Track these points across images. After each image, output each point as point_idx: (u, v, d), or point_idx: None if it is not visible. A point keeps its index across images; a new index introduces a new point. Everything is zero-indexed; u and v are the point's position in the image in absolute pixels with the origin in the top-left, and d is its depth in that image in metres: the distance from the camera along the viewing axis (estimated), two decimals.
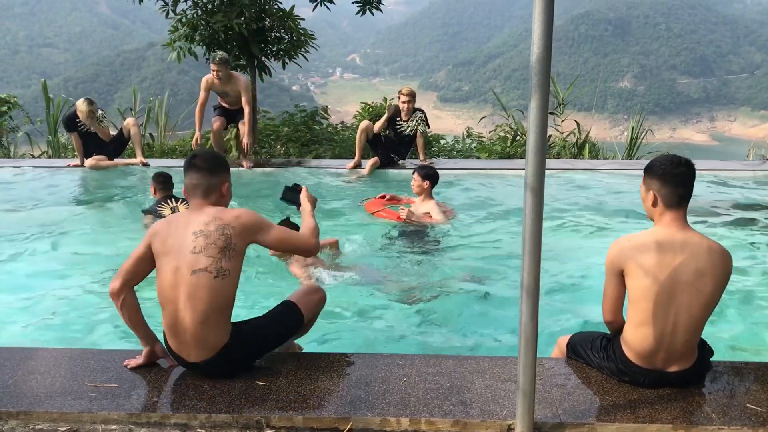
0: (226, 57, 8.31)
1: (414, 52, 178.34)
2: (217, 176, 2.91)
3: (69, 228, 6.23)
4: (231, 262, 2.78)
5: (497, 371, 2.95)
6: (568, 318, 4.01)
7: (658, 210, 2.74)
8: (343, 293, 4.54)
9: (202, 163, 2.90)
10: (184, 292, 2.76)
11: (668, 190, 2.69)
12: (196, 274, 2.74)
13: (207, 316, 2.77)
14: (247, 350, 2.93)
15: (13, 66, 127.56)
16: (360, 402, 2.70)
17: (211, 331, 2.80)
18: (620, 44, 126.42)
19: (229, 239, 2.77)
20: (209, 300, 2.76)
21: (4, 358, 3.11)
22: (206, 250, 2.75)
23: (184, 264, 2.76)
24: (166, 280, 2.80)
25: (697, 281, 2.64)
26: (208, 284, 2.75)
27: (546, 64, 2.18)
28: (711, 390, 2.82)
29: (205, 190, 2.89)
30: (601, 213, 6.65)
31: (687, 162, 2.71)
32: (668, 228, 2.70)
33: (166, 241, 2.82)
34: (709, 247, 2.67)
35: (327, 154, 10.50)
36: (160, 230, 2.87)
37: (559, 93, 11.35)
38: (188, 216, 2.88)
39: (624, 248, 2.71)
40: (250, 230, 2.84)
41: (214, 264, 2.75)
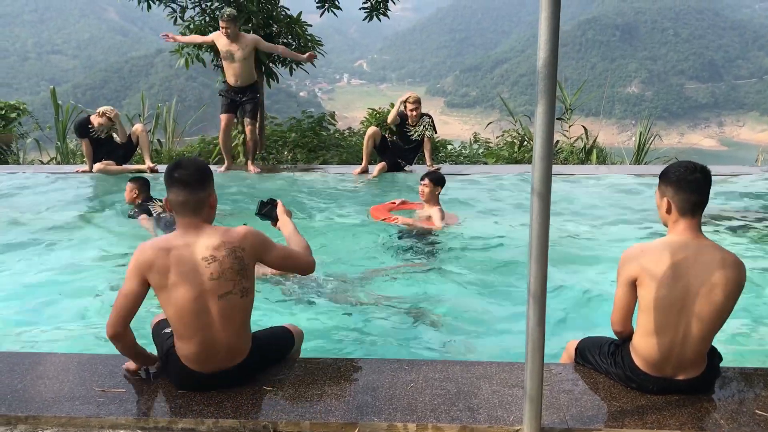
0: (234, 14, 8.21)
1: (421, 57, 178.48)
2: (204, 189, 2.76)
3: (77, 234, 6.26)
4: (248, 280, 2.80)
5: (504, 377, 2.94)
6: (575, 323, 3.99)
7: (672, 217, 2.71)
8: (349, 299, 4.55)
9: (187, 177, 2.71)
10: (217, 316, 2.73)
11: (682, 197, 2.66)
12: (224, 298, 2.73)
13: (239, 329, 2.83)
14: (263, 355, 2.97)
15: (23, 73, 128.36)
16: (367, 407, 2.70)
17: (242, 340, 2.87)
18: (628, 49, 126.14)
19: (242, 261, 2.74)
20: (241, 318, 2.82)
21: (13, 363, 3.12)
22: (225, 275, 2.71)
23: (207, 291, 2.69)
24: (187, 309, 2.69)
25: (709, 292, 2.61)
26: (238, 305, 2.77)
27: (552, 68, 2.18)
28: (720, 396, 2.81)
29: (195, 206, 2.73)
30: (610, 219, 6.63)
31: (702, 169, 2.67)
32: (682, 236, 2.67)
33: (168, 271, 2.67)
34: (723, 257, 2.64)
35: (334, 159, 10.52)
36: (155, 262, 2.67)
37: (566, 98, 11.34)
38: (188, 239, 2.72)
39: (637, 257, 2.69)
40: (258, 249, 2.82)
41: (237, 286, 2.74)
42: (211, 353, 2.79)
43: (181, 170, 2.73)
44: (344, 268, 5.21)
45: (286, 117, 12.33)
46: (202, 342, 2.76)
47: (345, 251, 5.67)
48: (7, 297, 4.65)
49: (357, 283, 4.86)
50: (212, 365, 2.81)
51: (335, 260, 5.41)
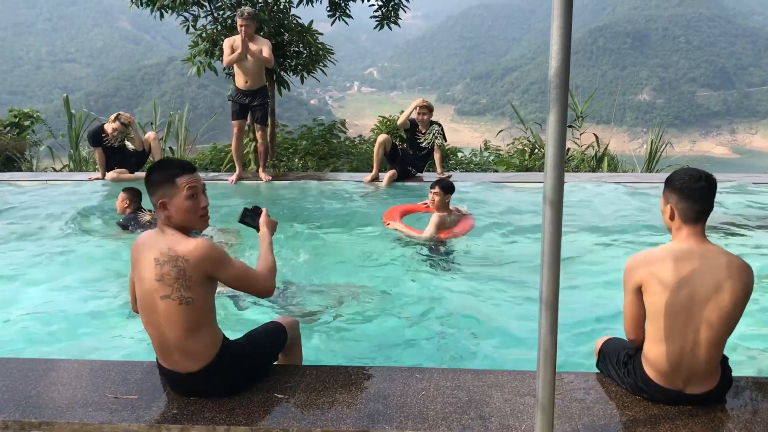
0: (254, 12, 8.19)
1: (432, 65, 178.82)
2: (154, 194, 2.79)
3: (90, 240, 6.30)
4: (191, 290, 2.72)
5: (516, 385, 2.93)
6: (587, 331, 3.98)
7: (675, 224, 2.71)
8: (361, 307, 4.56)
9: (146, 178, 2.83)
10: (161, 316, 2.77)
11: (686, 205, 2.66)
12: (164, 300, 2.74)
13: (188, 334, 2.77)
14: (238, 363, 2.90)
15: (36, 81, 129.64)
16: (378, 415, 2.70)
17: (197, 344, 2.80)
18: (639, 57, 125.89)
19: (182, 272, 2.70)
20: (184, 322, 2.76)
21: (27, 369, 3.15)
22: (164, 279, 2.72)
23: (152, 289, 2.76)
24: (143, 303, 2.82)
25: (716, 296, 2.59)
26: (176, 309, 2.74)
27: (564, 77, 2.19)
28: (733, 406, 2.79)
29: (155, 206, 2.81)
30: (622, 227, 6.60)
31: (707, 177, 2.66)
32: (686, 242, 2.67)
33: (137, 264, 2.85)
34: (729, 261, 2.63)
35: (345, 167, 10.55)
36: (134, 251, 2.88)
37: (577, 106, 11.33)
38: (155, 238, 2.82)
39: (640, 263, 2.69)
40: (207, 265, 2.73)
41: (175, 292, 2.72)
42: (165, 351, 2.84)
43: (149, 171, 2.83)
44: (354, 275, 5.22)
45: (297, 125, 12.39)
46: (156, 338, 2.85)
47: (354, 258, 5.68)
48: (21, 304, 4.68)
49: (365, 290, 4.86)
50: (172, 363, 2.85)
51: (345, 267, 5.41)
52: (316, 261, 5.58)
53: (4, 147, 11.50)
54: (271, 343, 3.11)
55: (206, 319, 2.82)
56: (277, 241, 6.13)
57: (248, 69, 8.23)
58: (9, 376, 3.07)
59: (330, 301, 4.65)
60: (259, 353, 3.03)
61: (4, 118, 12.27)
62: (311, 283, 5.03)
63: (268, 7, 10.13)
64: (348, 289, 4.83)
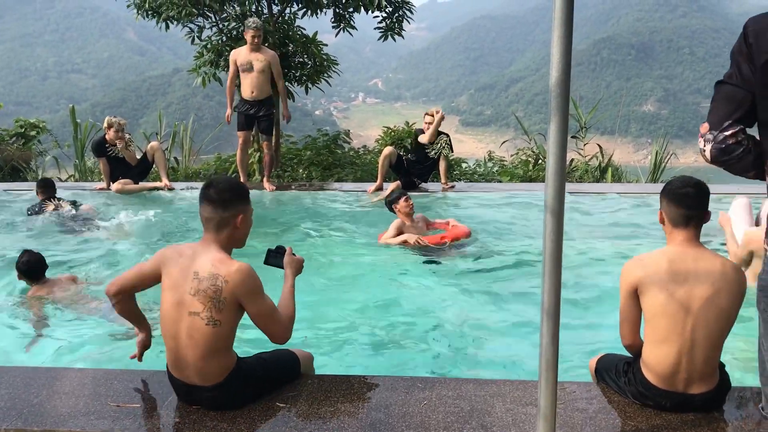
0: (261, 23, 8.29)
1: (436, 76, 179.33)
2: (230, 209, 2.77)
3: (93, 251, 6.31)
4: (222, 314, 2.70)
5: (518, 395, 2.93)
6: (589, 340, 3.97)
7: (666, 228, 2.77)
8: (361, 316, 4.56)
9: (216, 195, 2.77)
10: (184, 331, 2.73)
11: (672, 210, 2.71)
12: (192, 317, 2.71)
13: (206, 356, 2.75)
14: (248, 385, 2.89)
15: (43, 92, 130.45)
16: (380, 424, 2.70)
17: (212, 366, 2.78)
18: (643, 68, 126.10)
19: (219, 291, 2.69)
20: (205, 343, 2.72)
21: (30, 378, 3.16)
22: (198, 296, 2.70)
23: (184, 303, 2.73)
24: (169, 313, 2.77)
25: (712, 296, 2.63)
26: (201, 329, 2.71)
27: (565, 87, 2.20)
28: (736, 415, 2.78)
29: (218, 224, 2.77)
30: (622, 235, 6.60)
31: (696, 183, 2.72)
32: (680, 246, 2.71)
33: (172, 273, 2.78)
34: (722, 263, 2.68)
35: (349, 177, 10.58)
36: (171, 257, 2.82)
37: (581, 116, 11.35)
38: (196, 251, 2.79)
39: (636, 267, 2.72)
40: (242, 292, 2.71)
41: (205, 311, 2.70)
42: (179, 365, 2.81)
43: (213, 188, 2.79)
44: (355, 285, 5.22)
45: (302, 135, 12.44)
46: (171, 351, 2.81)
47: (355, 268, 5.68)
48: (24, 313, 4.70)
49: (368, 300, 4.87)
50: (181, 376, 2.83)
51: (346, 278, 5.42)
52: (317, 271, 5.58)
53: (10, 157, 11.55)
54: (281, 374, 3.07)
55: (227, 343, 2.81)
56: None
57: (254, 80, 8.27)
58: (11, 385, 3.08)
59: (331, 312, 4.66)
60: (269, 380, 3.00)
61: (10, 128, 12.34)
62: (312, 293, 5.03)
63: (273, 19, 10.20)
64: (349, 300, 4.83)
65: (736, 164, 1.96)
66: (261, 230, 7.00)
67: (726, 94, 1.95)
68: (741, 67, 1.92)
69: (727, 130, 1.93)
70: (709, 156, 1.98)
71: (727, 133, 1.93)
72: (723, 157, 1.95)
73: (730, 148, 1.93)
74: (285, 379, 3.08)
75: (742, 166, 1.96)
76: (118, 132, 8.51)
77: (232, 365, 2.84)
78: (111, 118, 8.65)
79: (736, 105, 1.93)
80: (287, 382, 3.08)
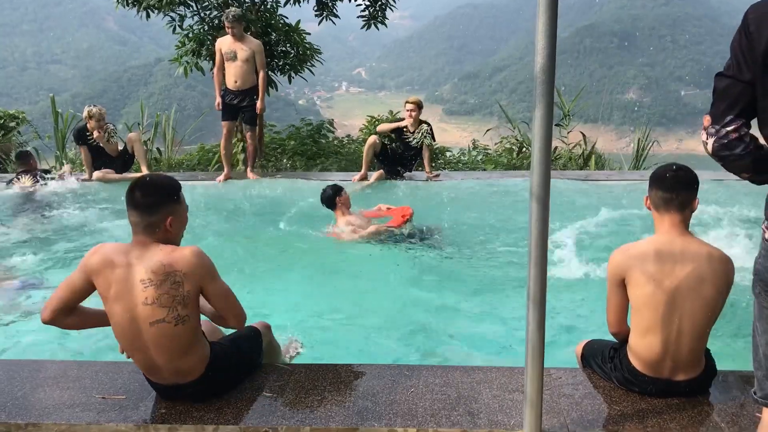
0: (240, 13, 8.19)
1: (419, 65, 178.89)
2: (157, 213, 2.62)
3: (77, 240, 6.26)
4: (188, 308, 2.63)
5: (504, 381, 2.94)
6: (575, 326, 4.00)
7: (653, 214, 2.79)
8: (349, 305, 4.56)
9: (141, 199, 2.62)
10: (149, 342, 2.64)
11: (656, 194, 2.74)
12: (155, 326, 2.61)
13: (179, 355, 2.69)
14: (227, 371, 2.88)
15: (21, 83, 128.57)
16: (367, 412, 2.70)
17: (188, 362, 2.73)
18: (626, 56, 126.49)
19: (180, 287, 2.59)
20: (176, 345, 2.66)
21: (13, 371, 3.12)
22: (159, 301, 2.59)
23: (139, 316, 2.61)
24: (124, 330, 2.66)
25: (698, 287, 2.65)
26: (170, 333, 2.62)
27: (550, 73, 2.20)
28: (720, 399, 2.81)
29: (145, 228, 2.64)
30: (606, 223, 6.64)
31: (680, 168, 2.74)
32: (667, 234, 2.72)
33: (110, 286, 2.62)
34: (709, 253, 2.69)
35: (333, 167, 10.54)
36: (102, 270, 2.63)
37: (564, 104, 11.37)
38: (132, 257, 2.63)
39: (623, 257, 2.74)
40: (202, 274, 2.64)
41: (170, 313, 2.60)
42: (154, 372, 2.76)
43: (137, 192, 2.64)
44: (337, 275, 5.22)
45: (285, 125, 12.35)
46: (142, 361, 2.74)
47: (338, 258, 5.68)
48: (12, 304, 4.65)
49: (350, 289, 4.87)
50: (159, 379, 2.78)
51: (327, 267, 5.42)
52: (299, 261, 5.57)
53: None
54: (251, 349, 3.07)
55: (197, 335, 2.75)
56: (263, 241, 6.14)
57: (238, 69, 8.20)
58: None
59: (315, 303, 4.65)
60: (243, 362, 3.00)
61: None
62: (295, 284, 5.03)
63: (255, 7, 10.12)
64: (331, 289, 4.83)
65: (736, 162, 1.95)
66: (242, 221, 6.98)
67: (726, 87, 1.94)
68: (740, 57, 1.90)
69: (729, 125, 1.92)
70: (711, 149, 1.97)
71: (729, 128, 1.92)
72: (724, 152, 1.94)
73: (731, 144, 1.93)
74: (256, 354, 3.08)
75: (740, 166, 1.95)
76: (99, 122, 8.43)
77: (207, 355, 2.80)
78: (90, 108, 8.54)
79: (735, 98, 1.92)
80: (258, 356, 3.09)
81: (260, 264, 5.50)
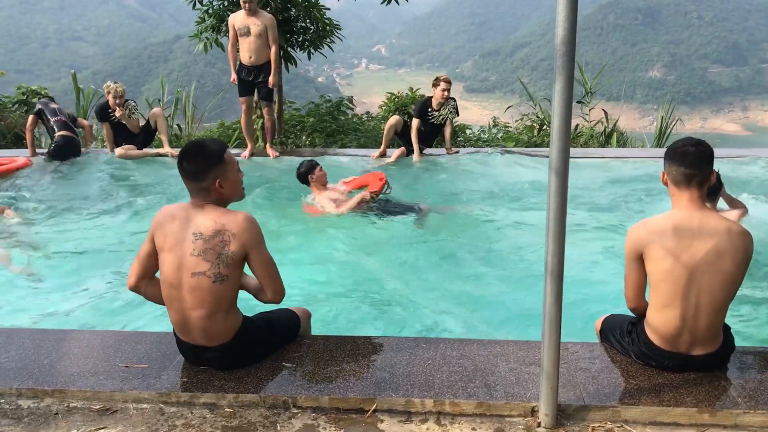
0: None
1: (440, 42, 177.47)
2: (205, 179, 2.75)
3: (98, 215, 6.35)
4: (229, 268, 2.74)
5: (521, 355, 2.96)
6: (593, 301, 4.00)
7: (670, 189, 2.77)
8: (366, 279, 4.59)
9: (187, 167, 2.76)
10: (187, 293, 2.76)
11: (674, 169, 2.72)
12: (195, 277, 2.73)
13: (212, 314, 2.78)
14: (254, 344, 2.94)
15: (43, 59, 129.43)
16: (385, 383, 2.74)
17: (219, 325, 2.81)
18: (650, 33, 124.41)
19: (227, 245, 2.72)
20: (211, 301, 2.75)
21: (40, 339, 3.20)
22: (204, 254, 2.72)
23: (185, 265, 2.74)
24: (169, 278, 2.78)
25: (717, 261, 2.63)
26: (208, 287, 2.73)
27: (570, 45, 2.18)
28: (737, 374, 2.81)
29: (198, 192, 2.79)
30: (627, 199, 6.60)
31: (697, 142, 2.71)
32: (685, 210, 2.70)
33: (167, 237, 2.78)
34: (728, 227, 2.66)
35: (352, 144, 10.54)
36: (162, 222, 2.82)
37: (586, 82, 11.25)
38: (189, 213, 2.80)
39: (641, 232, 2.72)
40: (248, 238, 2.75)
41: (212, 269, 2.72)
42: (185, 328, 2.84)
43: (185, 160, 2.76)
44: (356, 251, 5.25)
45: (304, 102, 12.35)
46: (176, 313, 2.83)
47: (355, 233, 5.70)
48: (35, 276, 4.74)
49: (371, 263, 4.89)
50: (189, 338, 2.86)
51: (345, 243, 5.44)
52: (318, 235, 5.61)
53: (12, 125, 11.51)
54: (285, 333, 3.12)
55: (232, 300, 2.84)
56: (282, 216, 6.17)
57: (251, 44, 8.18)
58: (22, 346, 3.13)
59: (333, 277, 4.69)
60: (274, 340, 3.05)
61: (12, 95, 12.27)
62: (313, 259, 5.06)
63: None
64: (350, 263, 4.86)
65: None
66: (265, 196, 7.01)
67: None
68: None
69: None
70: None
71: None
72: None
73: None
74: (288, 337, 3.13)
75: None
76: (116, 99, 8.50)
77: (238, 325, 2.88)
78: (110, 84, 8.63)
79: None
80: (290, 340, 3.13)
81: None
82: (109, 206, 6.71)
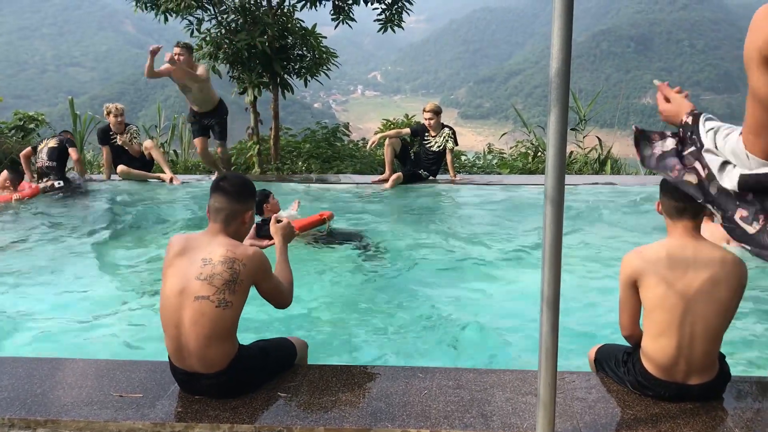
0: (190, 45, 8.42)
1: (435, 69, 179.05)
2: (242, 203, 2.90)
3: (96, 239, 6.33)
4: (234, 295, 2.78)
5: (518, 384, 2.95)
6: (588, 330, 3.99)
7: (666, 220, 2.79)
8: (364, 306, 4.57)
9: (230, 187, 2.88)
10: (187, 317, 2.76)
11: (666, 201, 2.75)
12: (199, 301, 2.74)
13: (210, 340, 2.77)
14: (249, 373, 2.92)
15: (41, 85, 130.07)
16: (381, 413, 2.72)
17: (215, 352, 2.80)
18: (643, 61, 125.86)
19: (236, 274, 2.76)
20: (211, 327, 2.76)
21: (32, 368, 3.17)
22: (211, 279, 2.74)
23: (189, 289, 2.76)
24: (170, 300, 2.80)
25: (711, 290, 2.64)
26: (210, 312, 2.74)
27: (565, 77, 2.21)
28: (734, 405, 2.80)
29: (227, 216, 2.88)
30: (620, 227, 6.62)
31: None
32: (680, 239, 2.72)
33: (176, 260, 2.84)
34: (722, 256, 2.68)
35: (348, 170, 10.58)
36: (174, 243, 2.90)
37: (580, 109, 11.35)
38: (202, 240, 2.87)
39: (636, 260, 2.74)
40: (259, 272, 2.84)
41: (217, 294, 2.74)
42: (181, 354, 2.83)
43: (226, 180, 2.92)
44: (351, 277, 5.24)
45: (301, 128, 12.42)
46: (173, 339, 2.82)
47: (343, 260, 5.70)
48: (29, 303, 4.71)
49: (367, 292, 4.88)
50: (184, 365, 2.85)
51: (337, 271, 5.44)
52: (313, 263, 5.60)
53: (9, 150, 11.52)
54: (280, 360, 3.11)
55: (232, 329, 2.85)
56: None
57: (195, 97, 8.47)
58: (14, 375, 3.10)
59: (329, 305, 4.67)
60: (268, 367, 3.03)
61: (9, 121, 12.30)
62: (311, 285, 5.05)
63: (272, 11, 10.18)
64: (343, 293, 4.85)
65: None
66: None
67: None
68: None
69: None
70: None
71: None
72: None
73: None
74: (284, 364, 3.12)
75: None
76: (117, 117, 8.60)
77: (234, 352, 2.87)
78: (109, 105, 8.80)
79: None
80: (287, 367, 3.13)
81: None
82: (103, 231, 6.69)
